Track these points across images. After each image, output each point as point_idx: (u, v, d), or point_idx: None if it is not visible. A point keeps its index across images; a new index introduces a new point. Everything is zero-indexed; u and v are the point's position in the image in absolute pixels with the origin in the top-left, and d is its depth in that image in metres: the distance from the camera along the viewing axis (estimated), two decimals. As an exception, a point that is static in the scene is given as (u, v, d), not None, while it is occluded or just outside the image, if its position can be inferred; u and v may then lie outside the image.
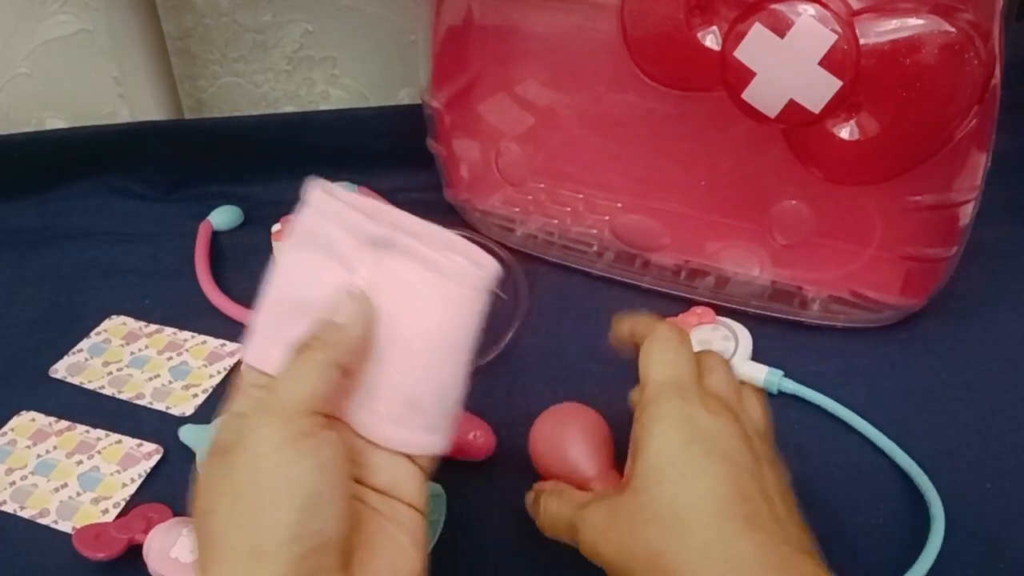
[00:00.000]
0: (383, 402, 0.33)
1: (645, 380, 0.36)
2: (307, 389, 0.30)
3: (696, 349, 0.50)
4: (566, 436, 0.43)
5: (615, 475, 0.42)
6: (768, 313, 0.54)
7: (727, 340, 0.51)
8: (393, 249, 0.33)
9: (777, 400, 0.49)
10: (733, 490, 0.32)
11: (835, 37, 0.42)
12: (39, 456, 0.47)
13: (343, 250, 0.33)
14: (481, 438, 0.46)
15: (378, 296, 0.33)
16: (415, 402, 0.33)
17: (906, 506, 0.43)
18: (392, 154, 0.69)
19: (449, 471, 0.45)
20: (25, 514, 0.44)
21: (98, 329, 0.57)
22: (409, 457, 0.33)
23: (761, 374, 0.49)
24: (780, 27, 0.43)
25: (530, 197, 0.61)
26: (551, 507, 0.38)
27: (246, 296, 0.57)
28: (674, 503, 0.32)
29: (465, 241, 0.34)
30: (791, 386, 0.49)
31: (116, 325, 0.57)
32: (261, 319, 0.35)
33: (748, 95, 0.45)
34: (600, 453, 0.43)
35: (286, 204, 0.64)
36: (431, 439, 0.33)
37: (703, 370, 0.37)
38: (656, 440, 0.33)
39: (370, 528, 0.31)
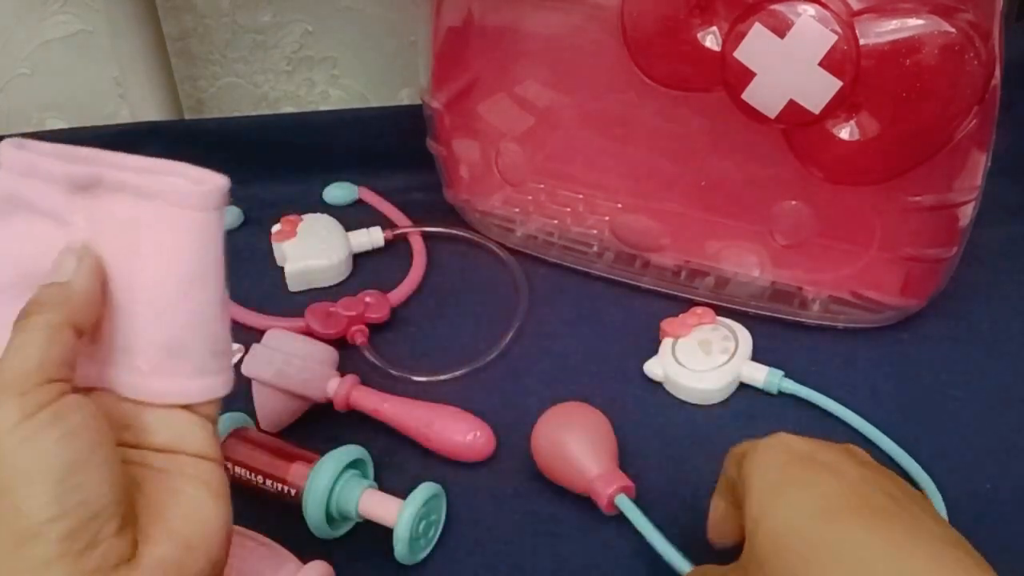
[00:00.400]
0: (141, 357, 0.30)
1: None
2: (36, 357, 0.28)
3: (696, 349, 0.51)
4: (569, 435, 0.43)
5: (619, 474, 0.42)
6: (768, 313, 0.54)
7: (727, 340, 0.51)
8: (102, 188, 0.30)
9: (777, 400, 0.49)
10: (847, 499, 0.30)
11: (835, 37, 0.42)
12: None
13: (49, 205, 0.30)
14: (481, 438, 0.46)
15: (103, 243, 0.30)
16: (175, 347, 0.30)
17: (906, 506, 0.43)
18: (392, 154, 0.69)
19: (449, 471, 0.45)
20: None
21: (98, 329, 0.57)
22: (188, 408, 0.31)
23: (761, 374, 0.49)
24: (780, 27, 0.43)
25: (530, 197, 0.61)
26: None
27: (246, 296, 0.57)
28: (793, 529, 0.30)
29: (180, 163, 0.31)
30: (791, 386, 0.49)
31: (116, 325, 0.57)
32: None
33: (748, 95, 0.45)
34: (603, 451, 0.43)
35: (286, 204, 0.65)
36: (206, 382, 0.31)
37: None
38: (781, 510, 0.31)
39: (156, 490, 0.29)
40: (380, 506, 0.40)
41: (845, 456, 0.33)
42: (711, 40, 0.45)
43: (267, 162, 0.70)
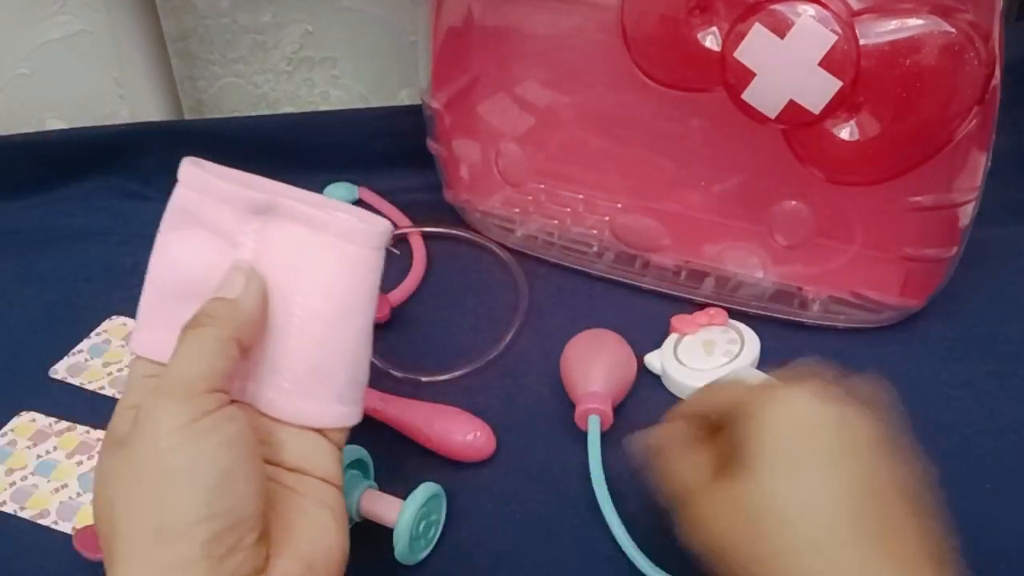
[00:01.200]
0: (287, 376, 0.31)
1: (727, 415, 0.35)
2: (203, 366, 0.29)
3: (699, 348, 0.51)
4: (587, 354, 0.48)
5: (605, 400, 0.46)
6: (768, 314, 0.54)
7: (732, 344, 0.51)
8: (276, 214, 0.32)
9: None
10: (858, 495, 0.30)
11: (835, 38, 0.42)
12: (39, 457, 0.47)
13: (223, 224, 0.32)
14: (481, 438, 0.46)
15: (268, 265, 0.31)
16: (320, 372, 0.31)
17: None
18: (392, 155, 0.69)
19: (449, 471, 0.45)
20: (25, 515, 0.44)
21: (98, 330, 0.57)
22: (320, 432, 0.32)
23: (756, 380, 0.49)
24: (780, 28, 0.43)
25: (530, 198, 0.61)
26: (677, 464, 0.36)
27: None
28: (793, 500, 0.30)
29: (348, 204, 0.32)
30: None
31: (116, 326, 0.57)
32: (145, 306, 0.33)
33: (748, 95, 0.45)
34: (609, 378, 0.47)
35: (286, 204, 0.65)
36: (341, 410, 0.32)
37: None
38: (771, 424, 0.32)
39: (286, 507, 0.30)
40: (380, 506, 0.41)
41: (866, 436, 0.32)
42: (711, 40, 0.45)
43: (267, 162, 0.69)
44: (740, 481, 0.31)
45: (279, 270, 0.31)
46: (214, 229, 0.32)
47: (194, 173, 0.33)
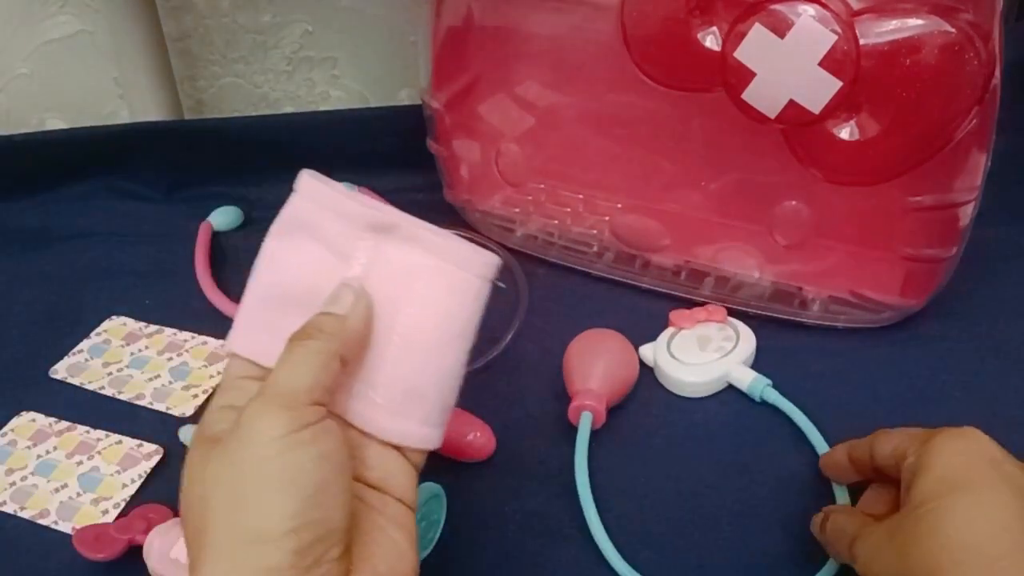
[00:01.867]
0: (381, 392, 0.32)
1: (896, 452, 0.36)
2: (309, 378, 0.30)
3: (693, 343, 0.51)
4: (588, 352, 0.49)
5: (600, 399, 0.46)
6: (768, 314, 0.54)
7: (727, 340, 0.51)
8: (393, 235, 0.33)
9: (757, 408, 0.49)
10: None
11: (835, 38, 0.42)
12: (39, 457, 0.47)
13: (337, 238, 0.33)
14: (481, 438, 0.46)
15: (377, 282, 0.32)
16: (413, 392, 0.32)
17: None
18: (392, 155, 0.69)
19: (449, 471, 0.45)
20: (25, 515, 0.44)
21: (98, 330, 0.57)
22: (401, 452, 0.33)
23: (748, 379, 0.49)
24: (780, 27, 0.43)
25: (530, 198, 0.61)
26: (838, 521, 0.37)
27: (246, 296, 0.57)
28: (965, 527, 0.30)
29: (462, 235, 0.33)
30: (773, 396, 0.49)
31: (116, 326, 0.57)
32: (248, 307, 0.34)
33: (748, 95, 0.45)
34: (605, 376, 0.47)
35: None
36: (427, 432, 0.33)
37: None
38: (944, 457, 0.33)
39: (367, 525, 0.31)
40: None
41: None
42: (711, 40, 0.45)
43: (267, 162, 0.70)
44: (909, 510, 0.32)
45: (388, 288, 0.32)
46: (326, 241, 0.33)
47: (313, 185, 0.34)
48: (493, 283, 0.33)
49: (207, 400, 0.51)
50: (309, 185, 0.34)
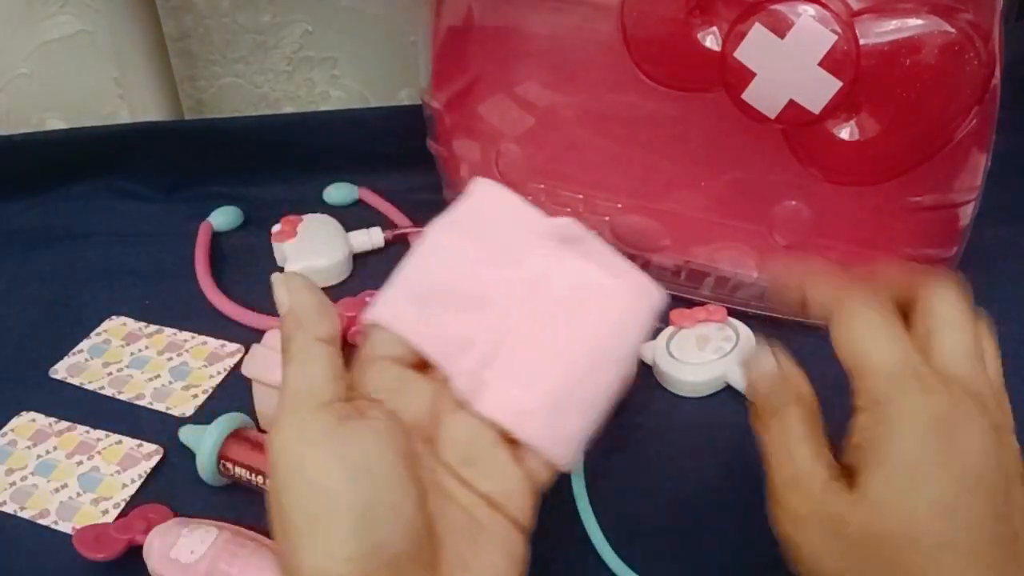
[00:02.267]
0: (538, 395, 0.31)
1: (860, 369, 0.30)
2: (311, 378, 0.27)
3: (691, 342, 0.51)
4: None
5: None
6: (769, 314, 0.54)
7: (726, 341, 0.51)
8: (575, 248, 0.33)
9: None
10: (989, 530, 0.27)
11: (835, 38, 0.42)
12: (39, 457, 0.47)
13: (510, 241, 0.33)
14: (481, 438, 0.46)
15: (549, 289, 0.32)
16: (561, 403, 0.31)
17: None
18: (392, 155, 0.69)
19: (449, 471, 0.45)
20: (25, 515, 0.44)
21: (98, 330, 0.57)
22: (527, 468, 0.30)
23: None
24: (780, 28, 0.43)
25: (530, 198, 0.60)
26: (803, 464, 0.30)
27: (246, 297, 0.57)
28: (928, 534, 0.27)
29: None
30: None
31: (116, 326, 0.57)
32: (399, 283, 0.33)
33: (748, 96, 0.45)
34: None
35: (286, 204, 0.65)
36: (559, 449, 0.31)
37: (923, 341, 0.31)
38: (902, 449, 0.28)
39: (466, 541, 0.28)
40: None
41: (994, 453, 0.28)
42: (711, 40, 0.45)
43: (267, 162, 0.70)
44: (866, 507, 0.28)
45: (560, 296, 0.32)
46: (495, 244, 0.33)
47: (494, 190, 0.34)
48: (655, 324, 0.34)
49: (207, 400, 0.51)
50: (488, 188, 0.34)
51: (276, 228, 0.62)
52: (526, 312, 0.32)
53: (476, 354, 0.31)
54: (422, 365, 0.31)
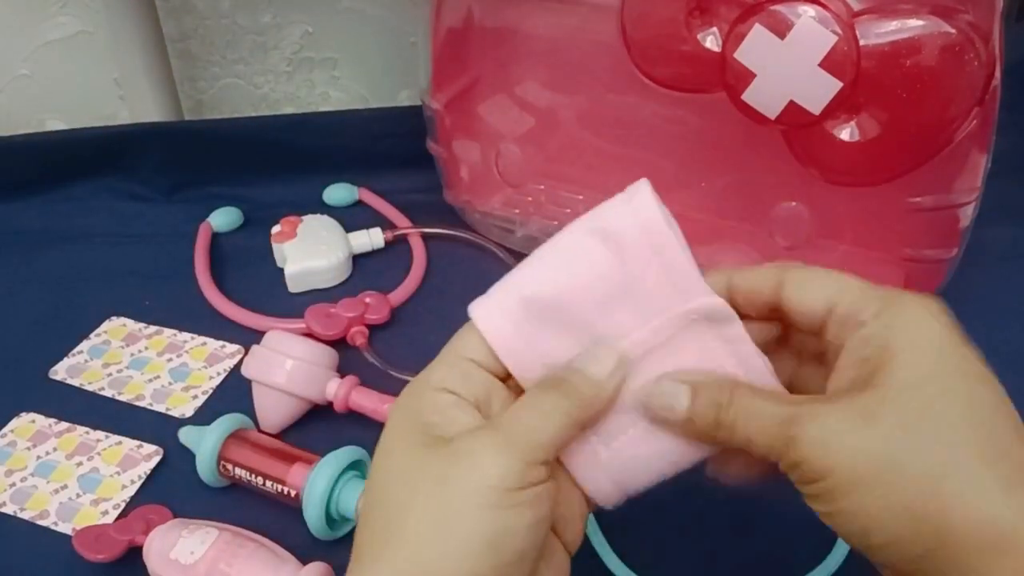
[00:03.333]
0: (612, 451, 0.30)
1: (830, 303, 0.31)
2: (549, 434, 0.28)
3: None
4: None
5: None
6: (768, 314, 0.54)
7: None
8: (716, 328, 0.31)
9: None
10: (1012, 430, 0.29)
11: (835, 38, 0.42)
12: (39, 457, 0.47)
13: (655, 291, 0.30)
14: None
15: (663, 355, 0.30)
16: (636, 468, 0.31)
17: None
18: (392, 155, 0.69)
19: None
20: (25, 515, 0.44)
21: (98, 331, 0.57)
22: (586, 497, 0.31)
23: None
24: (780, 28, 0.43)
25: (530, 199, 0.61)
26: (754, 405, 0.29)
27: (246, 298, 0.57)
28: (966, 422, 0.28)
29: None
30: None
31: (116, 327, 0.57)
32: (510, 285, 0.32)
33: (748, 96, 0.45)
34: None
35: (286, 205, 0.65)
36: (616, 493, 0.31)
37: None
38: (923, 339, 0.29)
39: (539, 566, 0.29)
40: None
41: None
42: (711, 41, 0.45)
43: (267, 163, 0.70)
44: (887, 392, 0.28)
45: (669, 364, 0.30)
46: (641, 282, 0.30)
47: (655, 207, 0.30)
48: None
49: (207, 401, 0.51)
50: (648, 204, 0.31)
51: (276, 229, 0.62)
52: (633, 374, 0.30)
53: None
54: (508, 375, 0.31)
